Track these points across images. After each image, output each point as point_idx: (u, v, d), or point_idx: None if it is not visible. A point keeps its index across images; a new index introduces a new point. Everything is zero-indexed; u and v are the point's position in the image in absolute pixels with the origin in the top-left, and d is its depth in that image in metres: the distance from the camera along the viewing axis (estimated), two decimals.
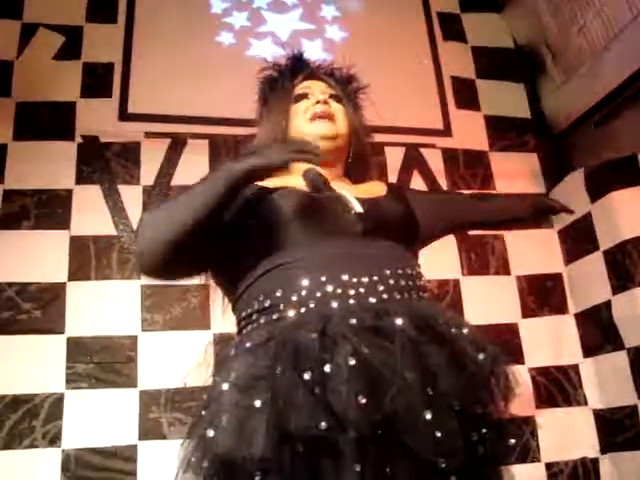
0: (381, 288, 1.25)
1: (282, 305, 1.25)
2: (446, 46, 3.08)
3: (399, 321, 1.15)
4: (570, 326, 2.70)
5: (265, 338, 1.19)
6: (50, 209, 2.41)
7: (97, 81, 2.65)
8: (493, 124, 2.98)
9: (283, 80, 1.62)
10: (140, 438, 2.20)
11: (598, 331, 2.57)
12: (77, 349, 2.25)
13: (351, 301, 1.22)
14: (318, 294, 1.23)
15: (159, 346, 2.32)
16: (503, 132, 2.96)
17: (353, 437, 1.05)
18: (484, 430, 1.16)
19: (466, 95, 2.99)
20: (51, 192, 2.43)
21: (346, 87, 1.66)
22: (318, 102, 1.50)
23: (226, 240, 1.33)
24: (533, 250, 2.79)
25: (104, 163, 2.51)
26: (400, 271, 1.31)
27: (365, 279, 1.25)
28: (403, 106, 2.84)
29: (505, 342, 2.59)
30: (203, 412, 1.19)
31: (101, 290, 2.36)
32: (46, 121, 2.53)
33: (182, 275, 1.37)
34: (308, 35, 2.97)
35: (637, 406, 2.37)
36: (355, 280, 1.25)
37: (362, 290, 1.24)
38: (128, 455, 2.17)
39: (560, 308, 2.73)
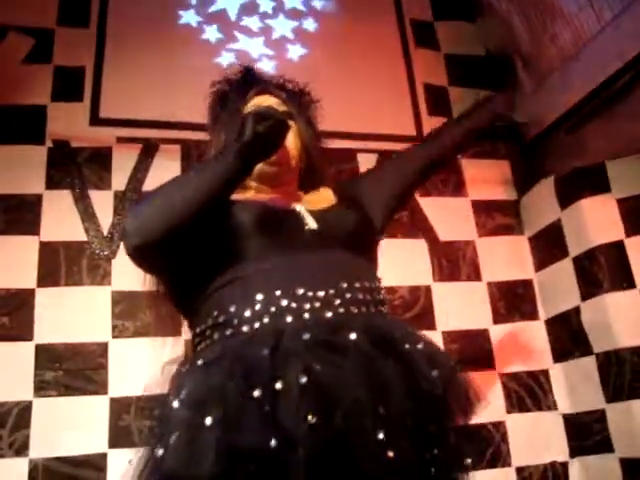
0: (337, 302, 1.25)
1: (236, 320, 1.23)
2: (419, 53, 3.09)
3: (353, 335, 1.14)
4: (540, 332, 2.73)
5: (218, 354, 1.18)
6: (19, 214, 2.38)
7: (68, 85, 2.62)
8: None
9: (234, 96, 1.61)
10: (110, 446, 2.17)
11: (568, 337, 2.60)
12: (46, 356, 2.22)
13: (306, 315, 1.21)
14: (272, 309, 1.22)
15: (130, 353, 2.30)
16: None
17: (303, 456, 1.02)
18: (436, 450, 1.15)
19: (438, 102, 3.01)
20: (21, 197, 2.40)
21: (298, 100, 1.66)
22: None
23: (189, 249, 1.32)
24: (504, 256, 2.81)
25: (75, 168, 2.48)
26: (357, 284, 1.30)
27: (321, 293, 1.24)
28: (376, 113, 2.85)
29: (476, 348, 2.62)
30: (155, 430, 1.18)
31: (71, 296, 2.33)
32: (16, 125, 2.50)
33: (164, 260, 1.33)
34: (280, 41, 2.96)
35: (605, 410, 2.41)
36: (310, 294, 1.24)
37: (317, 304, 1.23)
38: (98, 464, 2.14)
39: (530, 314, 2.76)
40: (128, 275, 2.35)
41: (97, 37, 2.76)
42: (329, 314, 1.22)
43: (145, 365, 2.23)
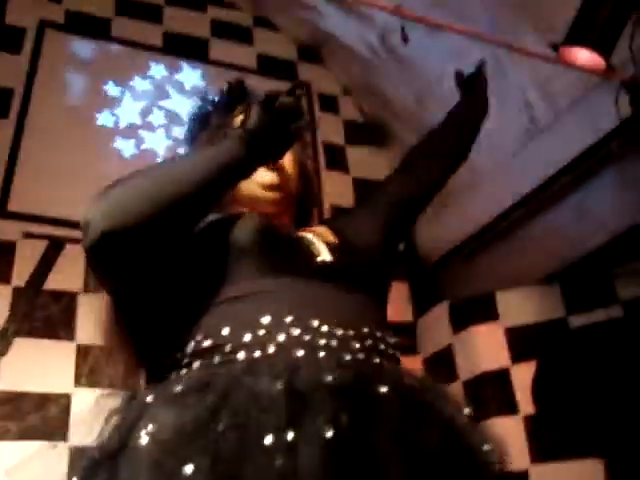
0: (357, 346, 1.01)
1: (229, 346, 0.97)
2: (329, 175, 3.25)
3: (383, 389, 0.89)
4: None
5: (201, 383, 0.89)
6: None
7: None
8: None
9: (218, 113, 1.35)
10: None
11: None
12: None
13: (321, 354, 0.96)
14: (281, 337, 0.97)
15: (12, 457, 2.19)
16: None
17: None
18: None
19: None
20: None
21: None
22: None
23: (167, 254, 1.05)
24: None
25: None
26: (379, 334, 1.07)
27: (339, 331, 1.01)
28: None
29: None
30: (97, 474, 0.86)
31: None
32: None
33: (134, 258, 1.01)
34: None
35: None
36: (326, 329, 1.00)
37: (334, 343, 0.99)
38: None
39: None
40: (18, 374, 2.29)
41: (15, 129, 2.78)
42: (347, 357, 0.98)
43: (28, 471, 2.13)
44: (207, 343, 0.99)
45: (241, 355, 0.95)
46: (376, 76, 3.35)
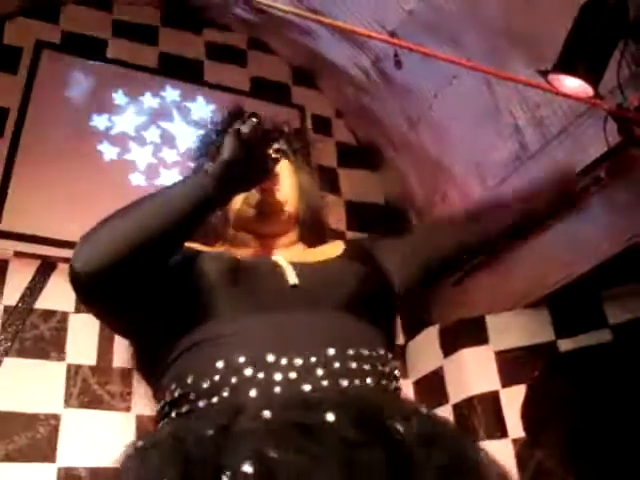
0: (320, 372, 0.99)
1: (193, 395, 1.00)
2: None
3: (330, 417, 0.88)
4: None
5: (162, 436, 0.94)
6: None
7: None
8: None
9: (219, 139, 1.31)
10: None
11: None
12: None
13: (277, 389, 0.96)
14: (233, 380, 0.98)
15: None
16: None
17: None
18: None
19: None
20: None
21: (295, 143, 1.43)
22: None
23: (145, 294, 1.08)
24: None
25: None
26: (351, 351, 1.03)
27: (298, 361, 0.99)
28: None
29: None
30: None
31: None
32: None
33: (117, 301, 1.06)
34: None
35: None
36: (284, 362, 0.99)
37: (293, 375, 0.97)
38: None
39: None
40: (7, 394, 2.28)
41: (9, 147, 2.79)
42: (307, 387, 0.96)
43: None
44: (178, 392, 1.02)
45: (201, 403, 0.98)
46: (369, 100, 3.38)
